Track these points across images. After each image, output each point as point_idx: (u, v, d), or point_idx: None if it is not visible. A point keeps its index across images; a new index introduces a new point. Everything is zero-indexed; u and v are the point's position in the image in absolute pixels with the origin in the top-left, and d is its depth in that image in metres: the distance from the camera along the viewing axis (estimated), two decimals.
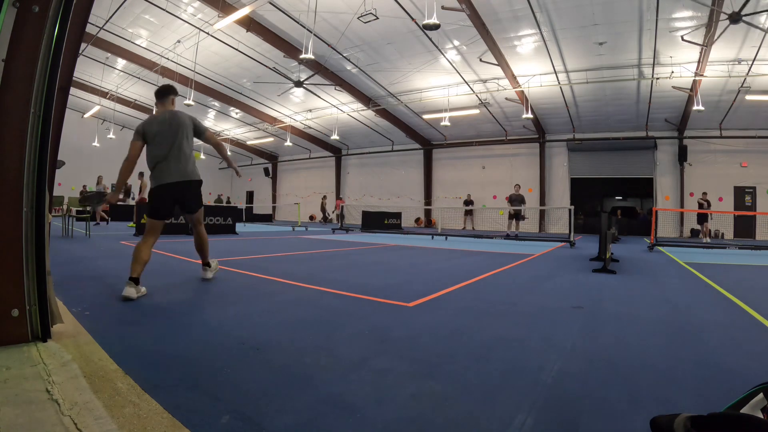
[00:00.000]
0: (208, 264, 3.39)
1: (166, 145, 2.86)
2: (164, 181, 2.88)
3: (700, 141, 15.10)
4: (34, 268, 1.61)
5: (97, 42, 12.99)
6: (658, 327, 2.32)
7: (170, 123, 2.89)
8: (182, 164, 2.89)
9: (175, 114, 2.94)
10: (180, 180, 2.89)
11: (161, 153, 2.86)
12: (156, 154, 2.87)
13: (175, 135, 2.87)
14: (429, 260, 5.57)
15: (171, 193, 2.91)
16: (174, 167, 2.87)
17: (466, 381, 1.48)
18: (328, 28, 11.99)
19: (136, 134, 2.90)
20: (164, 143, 2.86)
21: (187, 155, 2.92)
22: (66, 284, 2.98)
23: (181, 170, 2.89)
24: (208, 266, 3.39)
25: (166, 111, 2.97)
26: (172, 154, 2.87)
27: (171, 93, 3.05)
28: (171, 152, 2.87)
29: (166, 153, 2.86)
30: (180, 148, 2.89)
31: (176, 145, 2.87)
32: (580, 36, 11.21)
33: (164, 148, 2.86)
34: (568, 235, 9.68)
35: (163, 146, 2.86)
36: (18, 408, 1.11)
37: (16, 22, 1.51)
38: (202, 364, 1.57)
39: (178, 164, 2.88)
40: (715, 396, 1.39)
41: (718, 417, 0.89)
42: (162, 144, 2.86)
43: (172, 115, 2.93)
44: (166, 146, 2.86)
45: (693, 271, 5.02)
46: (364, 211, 15.30)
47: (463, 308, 2.68)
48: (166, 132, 2.87)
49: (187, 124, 2.94)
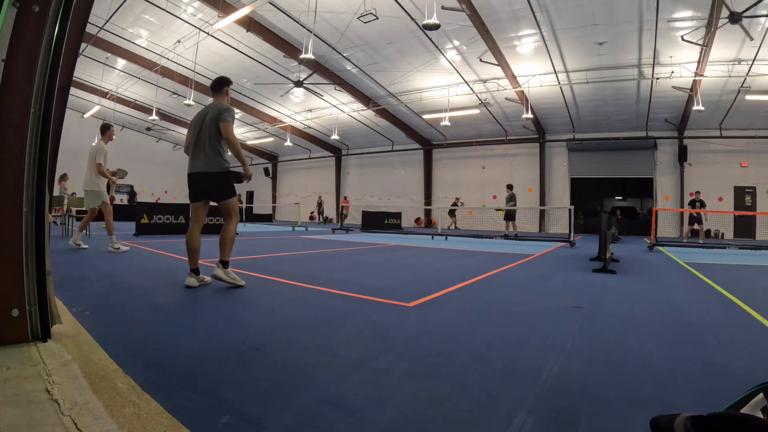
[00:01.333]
0: (225, 263, 3.07)
1: (194, 136, 3.03)
2: (189, 170, 3.09)
3: (700, 141, 15.10)
4: (34, 268, 1.61)
5: (97, 42, 12.99)
6: (658, 327, 2.32)
7: (201, 114, 3.05)
8: (201, 156, 3.01)
9: (210, 106, 3.06)
10: (197, 171, 3.03)
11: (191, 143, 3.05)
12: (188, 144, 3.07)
13: (199, 127, 3.00)
14: (429, 260, 5.57)
15: (194, 183, 3.07)
16: (194, 159, 3.03)
17: (466, 381, 1.48)
18: (328, 28, 11.99)
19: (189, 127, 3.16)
20: (193, 134, 3.04)
21: (206, 148, 2.99)
22: (66, 284, 2.98)
23: (199, 162, 3.01)
24: (226, 264, 3.07)
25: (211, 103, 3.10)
26: (197, 145, 3.02)
27: (224, 84, 3.14)
28: (197, 143, 3.02)
29: (193, 143, 3.03)
30: (200, 140, 3.00)
31: (200, 137, 3.01)
32: (580, 36, 11.22)
33: (192, 138, 3.04)
34: (568, 235, 9.69)
35: (192, 137, 3.05)
36: (18, 408, 1.11)
37: (16, 22, 1.51)
38: (202, 364, 1.57)
39: (198, 156, 3.02)
40: (715, 396, 1.39)
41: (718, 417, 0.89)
42: (192, 135, 3.05)
43: (208, 107, 3.06)
44: (194, 137, 3.03)
45: (693, 271, 5.02)
46: (364, 211, 15.30)
47: (463, 308, 2.68)
48: (197, 123, 3.03)
49: (211, 117, 3.00)
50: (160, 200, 23.50)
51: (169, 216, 9.25)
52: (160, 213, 9.14)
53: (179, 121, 21.95)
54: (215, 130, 2.99)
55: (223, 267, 3.05)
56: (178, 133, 23.62)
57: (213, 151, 3.02)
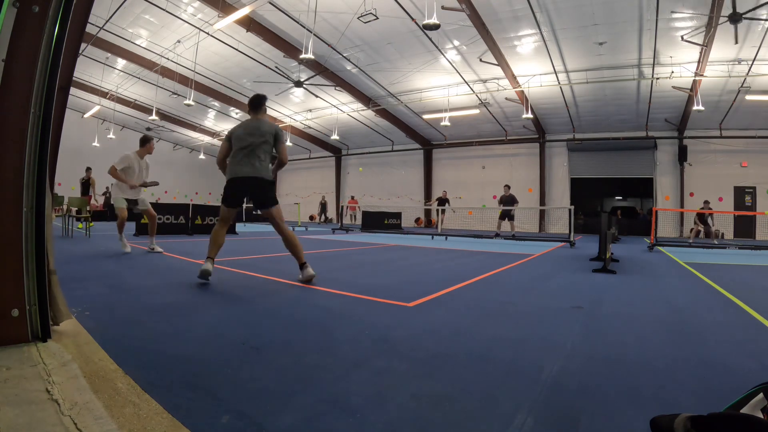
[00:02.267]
0: (303, 264, 3.37)
1: (245, 146, 3.31)
2: (234, 175, 3.33)
3: (700, 141, 15.10)
4: (34, 268, 1.61)
5: (97, 42, 12.99)
6: (658, 327, 2.32)
7: (252, 129, 3.35)
8: (256, 163, 3.32)
9: (261, 122, 3.41)
10: (246, 176, 3.30)
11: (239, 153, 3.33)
12: (234, 153, 3.35)
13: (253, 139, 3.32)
14: (429, 260, 5.57)
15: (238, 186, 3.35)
16: (245, 165, 3.31)
17: (466, 381, 1.48)
18: (328, 28, 11.99)
19: (226, 137, 3.45)
20: (243, 143, 3.32)
21: (261, 158, 3.33)
22: (66, 284, 2.98)
23: (252, 168, 3.31)
24: (304, 266, 3.36)
25: (255, 119, 3.44)
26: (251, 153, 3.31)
27: (263, 104, 3.49)
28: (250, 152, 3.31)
29: (246, 152, 3.31)
30: (253, 151, 3.31)
31: (255, 147, 3.31)
32: (580, 36, 11.22)
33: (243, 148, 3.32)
34: (568, 235, 9.69)
35: (241, 148, 3.32)
36: (18, 408, 1.11)
37: (16, 22, 1.51)
38: (202, 364, 1.57)
39: (251, 163, 3.31)
40: (715, 396, 1.39)
41: (718, 417, 0.89)
42: (241, 146, 3.32)
43: (257, 122, 3.40)
44: (246, 147, 3.31)
45: (693, 271, 5.02)
46: (364, 211, 15.30)
47: (464, 308, 2.68)
48: (247, 136, 3.33)
49: (267, 132, 3.36)
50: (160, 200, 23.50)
51: (169, 216, 9.25)
52: (161, 213, 9.13)
53: (179, 121, 21.95)
54: (271, 145, 3.38)
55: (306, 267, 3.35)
56: (178, 134, 23.61)
57: (267, 162, 3.39)
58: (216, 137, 24.15)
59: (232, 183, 3.34)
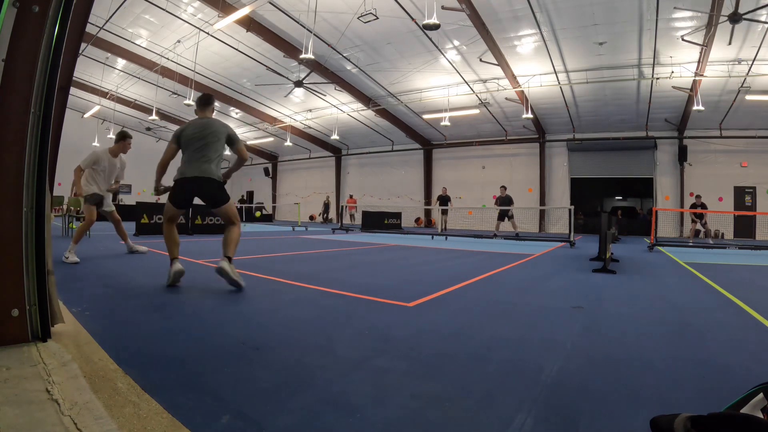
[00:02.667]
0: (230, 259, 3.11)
1: (195, 146, 3.21)
2: (182, 175, 3.21)
3: (700, 141, 15.09)
4: (34, 268, 1.61)
5: (97, 42, 12.98)
6: (658, 327, 2.32)
7: (203, 127, 3.25)
8: (205, 163, 3.20)
9: (212, 121, 3.32)
10: (195, 176, 3.18)
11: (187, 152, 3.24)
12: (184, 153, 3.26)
13: (203, 138, 3.21)
14: (429, 260, 5.57)
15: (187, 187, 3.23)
16: (195, 165, 3.19)
17: (466, 381, 1.48)
18: (328, 28, 11.99)
19: (173, 137, 3.31)
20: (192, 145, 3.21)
21: (211, 158, 3.23)
22: (66, 284, 2.98)
23: (202, 168, 3.19)
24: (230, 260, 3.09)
25: (203, 117, 3.34)
26: (201, 153, 3.20)
27: (212, 103, 3.43)
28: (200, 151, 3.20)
29: (194, 151, 3.21)
30: (205, 149, 3.21)
31: (206, 147, 3.21)
32: (580, 36, 11.21)
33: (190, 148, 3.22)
34: (568, 235, 9.69)
35: (191, 147, 3.21)
36: (18, 408, 1.11)
37: (16, 22, 1.51)
38: (202, 364, 1.57)
39: (201, 163, 3.19)
40: (715, 396, 1.39)
41: (718, 417, 0.89)
42: (190, 145, 3.22)
43: (207, 120, 3.31)
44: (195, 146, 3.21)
45: (693, 271, 5.02)
46: (364, 211, 15.29)
47: (464, 308, 2.68)
48: (198, 135, 3.22)
49: (219, 131, 3.27)
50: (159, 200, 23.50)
51: None
52: (160, 213, 9.12)
53: (179, 121, 21.92)
54: (222, 144, 3.28)
55: (229, 262, 3.09)
56: None
57: (218, 162, 3.28)
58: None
59: (181, 183, 3.20)
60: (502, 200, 12.10)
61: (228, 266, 3.03)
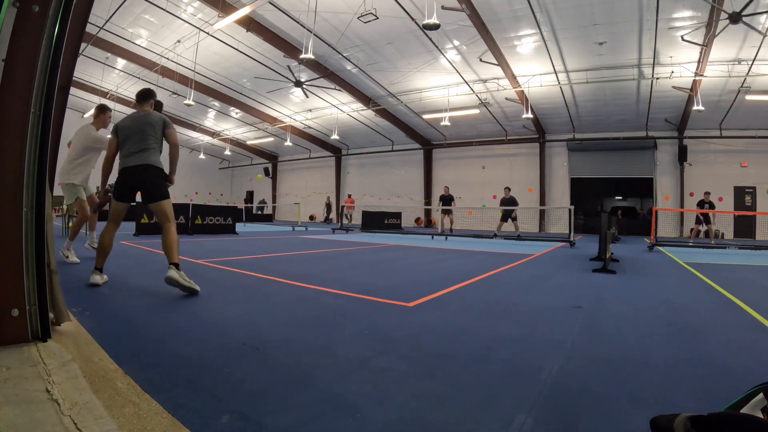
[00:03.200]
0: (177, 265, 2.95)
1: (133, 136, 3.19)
2: (124, 165, 3.18)
3: (700, 141, 15.10)
4: (34, 267, 1.61)
5: (97, 42, 12.98)
6: (658, 327, 2.32)
7: (139, 118, 3.24)
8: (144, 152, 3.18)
9: (147, 113, 3.29)
10: (137, 164, 3.15)
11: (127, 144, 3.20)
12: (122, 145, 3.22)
13: (141, 130, 3.20)
14: (429, 260, 5.57)
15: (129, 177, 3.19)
16: (135, 154, 3.17)
17: (466, 381, 1.48)
18: (328, 28, 11.99)
19: (111, 131, 3.29)
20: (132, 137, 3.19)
21: (151, 146, 3.22)
22: (66, 284, 2.98)
23: (141, 156, 3.17)
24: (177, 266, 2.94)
25: (141, 110, 3.31)
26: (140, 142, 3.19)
27: (151, 97, 3.37)
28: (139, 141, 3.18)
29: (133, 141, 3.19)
30: (143, 139, 3.19)
31: (143, 137, 3.18)
32: (580, 36, 11.21)
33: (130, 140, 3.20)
34: (568, 235, 9.69)
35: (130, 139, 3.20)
36: (18, 408, 1.11)
37: (16, 22, 1.51)
38: (202, 364, 1.57)
39: (140, 153, 3.17)
40: (715, 396, 1.39)
41: (718, 417, 0.89)
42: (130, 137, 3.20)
43: (144, 113, 3.28)
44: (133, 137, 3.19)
45: (693, 271, 5.02)
46: (364, 211, 15.28)
47: (464, 308, 2.68)
48: (134, 125, 3.22)
49: (155, 122, 3.26)
50: None
51: None
52: None
53: (179, 121, 21.92)
54: (160, 134, 3.26)
55: (176, 269, 2.91)
56: (177, 133, 23.49)
57: (156, 149, 3.26)
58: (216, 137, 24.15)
59: (123, 173, 3.18)
60: (506, 201, 12.10)
61: (176, 274, 2.85)
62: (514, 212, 11.96)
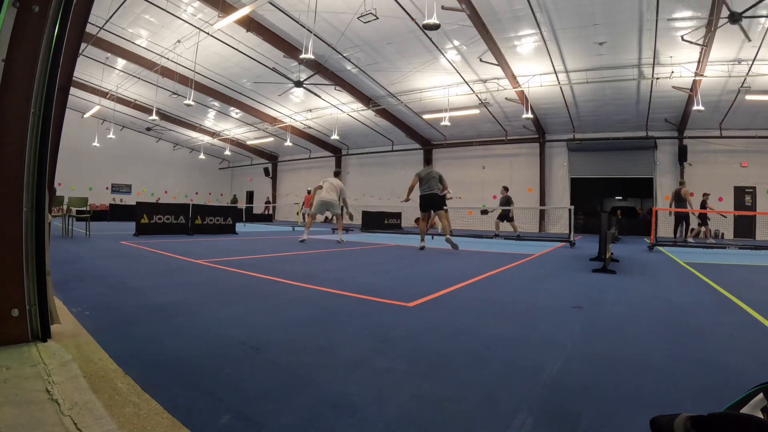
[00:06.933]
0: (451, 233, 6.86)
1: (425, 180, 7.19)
2: (425, 193, 7.15)
3: (700, 141, 15.10)
4: (34, 268, 1.61)
5: (97, 42, 12.99)
6: (658, 327, 2.32)
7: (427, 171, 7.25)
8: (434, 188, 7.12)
9: (432, 170, 7.30)
10: (431, 193, 7.13)
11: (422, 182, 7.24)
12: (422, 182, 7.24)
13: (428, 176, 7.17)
14: (429, 260, 5.57)
15: (429, 200, 7.14)
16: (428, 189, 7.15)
17: (466, 381, 1.48)
18: (328, 28, 12.00)
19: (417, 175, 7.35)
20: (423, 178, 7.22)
21: (434, 185, 7.12)
22: (66, 284, 2.98)
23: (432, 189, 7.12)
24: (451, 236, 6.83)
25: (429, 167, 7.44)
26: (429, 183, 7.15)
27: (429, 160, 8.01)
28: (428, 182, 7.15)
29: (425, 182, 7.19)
30: (430, 181, 7.15)
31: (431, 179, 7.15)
32: (580, 36, 11.22)
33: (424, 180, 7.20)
34: (568, 235, 9.68)
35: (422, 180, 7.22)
36: (18, 408, 1.11)
37: (16, 22, 1.51)
38: (202, 364, 1.57)
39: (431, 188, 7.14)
40: (715, 396, 1.39)
41: (718, 417, 0.89)
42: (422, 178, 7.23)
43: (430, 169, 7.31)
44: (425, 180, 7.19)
45: (693, 271, 5.02)
46: (364, 211, 15.28)
47: (464, 308, 2.68)
48: (426, 176, 7.19)
49: (436, 176, 7.21)
50: (160, 200, 23.52)
51: (169, 216, 9.25)
52: (160, 213, 9.14)
53: (179, 121, 21.95)
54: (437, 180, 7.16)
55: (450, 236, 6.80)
56: (177, 133, 23.62)
57: (437, 187, 7.14)
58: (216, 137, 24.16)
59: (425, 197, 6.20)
60: (503, 201, 12.13)
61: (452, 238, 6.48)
62: (511, 212, 11.96)
